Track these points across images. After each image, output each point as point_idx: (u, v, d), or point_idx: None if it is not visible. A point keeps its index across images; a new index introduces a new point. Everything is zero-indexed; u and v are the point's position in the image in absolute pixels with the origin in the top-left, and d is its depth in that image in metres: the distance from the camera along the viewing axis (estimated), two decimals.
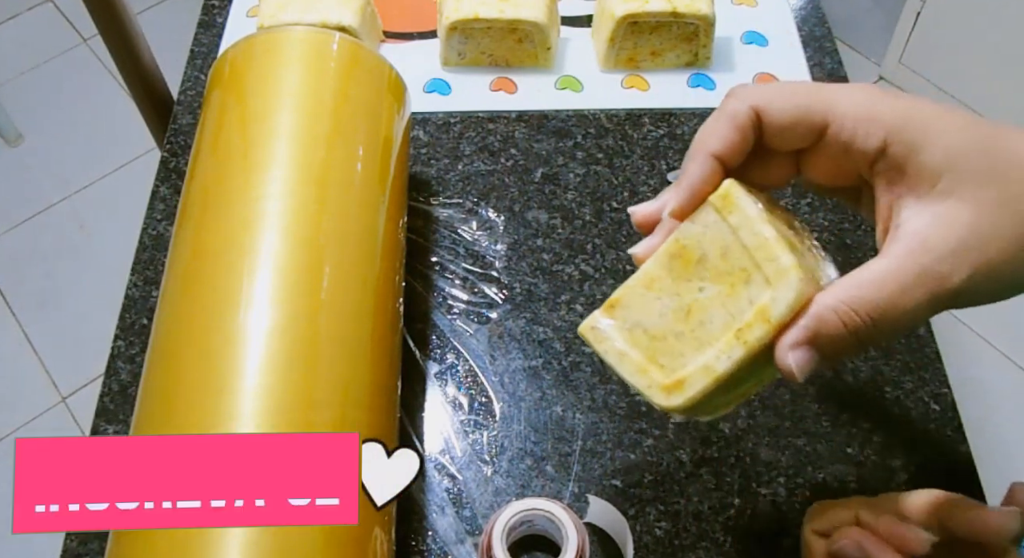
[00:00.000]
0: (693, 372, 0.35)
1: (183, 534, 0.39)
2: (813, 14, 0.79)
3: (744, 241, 0.35)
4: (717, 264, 0.35)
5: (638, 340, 0.37)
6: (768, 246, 0.34)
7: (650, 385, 0.36)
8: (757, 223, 0.34)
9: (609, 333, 0.38)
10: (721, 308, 0.35)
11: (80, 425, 1.38)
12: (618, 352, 0.37)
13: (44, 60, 1.85)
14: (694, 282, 0.36)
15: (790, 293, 0.33)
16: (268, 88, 0.53)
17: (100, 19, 0.72)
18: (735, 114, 0.36)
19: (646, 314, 0.37)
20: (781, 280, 0.33)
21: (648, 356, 0.37)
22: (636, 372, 0.37)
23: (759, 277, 0.34)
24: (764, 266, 0.34)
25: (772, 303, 0.33)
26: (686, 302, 0.36)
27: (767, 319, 0.33)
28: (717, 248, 0.36)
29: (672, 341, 0.36)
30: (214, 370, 0.43)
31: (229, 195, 0.49)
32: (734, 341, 0.34)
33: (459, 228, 0.65)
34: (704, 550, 0.52)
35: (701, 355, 0.35)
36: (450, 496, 0.54)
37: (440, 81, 0.74)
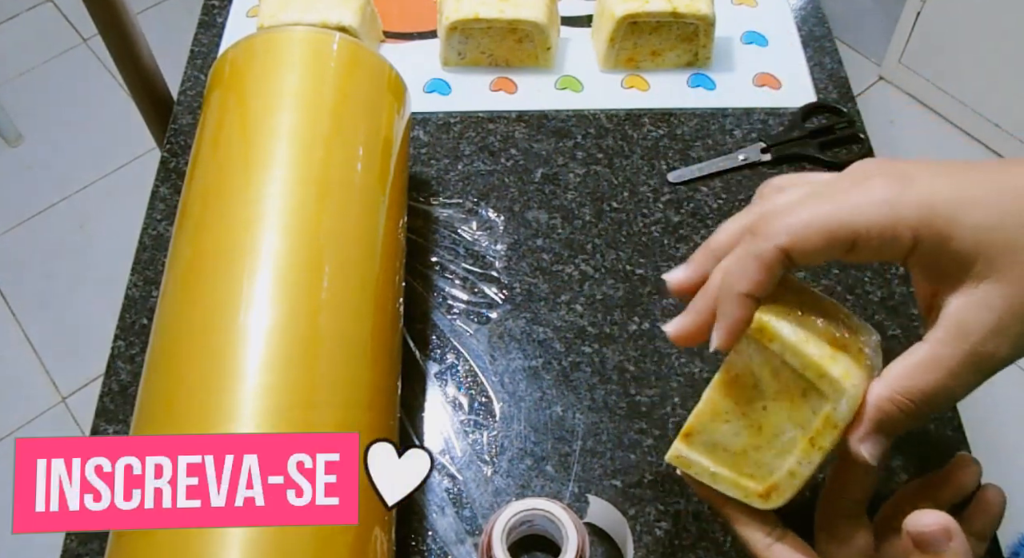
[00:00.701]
0: (781, 479, 0.39)
1: (183, 534, 0.39)
2: (813, 14, 0.79)
3: (791, 363, 0.37)
4: (772, 384, 0.38)
5: (722, 458, 0.40)
6: (814, 364, 0.36)
7: (747, 495, 0.40)
8: (798, 346, 0.37)
9: (695, 458, 0.41)
10: (788, 421, 0.38)
11: (80, 425, 1.38)
12: (710, 473, 0.41)
13: (44, 60, 1.85)
14: (756, 403, 0.39)
15: (848, 400, 0.36)
16: (268, 88, 0.53)
17: (100, 19, 0.72)
18: (762, 256, 0.36)
19: (721, 436, 0.40)
20: (837, 391, 0.36)
21: (736, 470, 0.40)
22: (731, 487, 0.40)
23: (815, 392, 0.37)
24: (817, 383, 0.36)
25: (834, 411, 0.36)
26: (755, 420, 0.39)
27: (834, 425, 0.37)
28: (768, 371, 0.38)
29: (753, 454, 0.40)
30: (214, 370, 0.43)
31: (229, 195, 0.49)
32: (810, 448, 0.38)
33: (459, 228, 0.65)
34: (704, 550, 0.52)
35: (784, 462, 0.39)
36: (450, 496, 0.54)
37: (440, 81, 0.74)
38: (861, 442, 0.36)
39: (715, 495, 0.42)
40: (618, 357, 0.59)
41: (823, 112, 0.72)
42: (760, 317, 0.37)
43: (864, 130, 0.70)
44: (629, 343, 0.60)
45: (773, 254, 0.36)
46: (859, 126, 0.71)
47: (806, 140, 0.69)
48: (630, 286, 0.62)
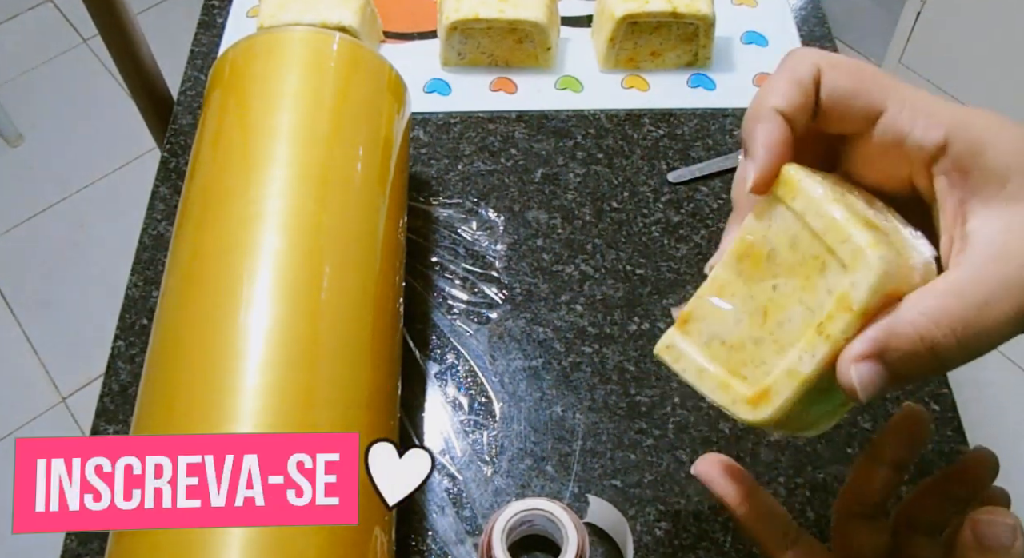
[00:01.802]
0: (777, 379, 0.31)
1: (183, 534, 0.39)
2: (813, 14, 0.79)
3: (813, 226, 0.31)
4: (787, 257, 0.32)
5: (716, 353, 0.34)
6: (838, 227, 0.30)
7: (734, 400, 0.33)
8: (824, 204, 0.31)
9: (686, 350, 0.34)
10: (799, 304, 0.31)
11: (80, 425, 1.38)
12: (697, 369, 0.34)
13: (44, 60, 1.84)
14: (767, 281, 0.32)
15: (870, 275, 0.29)
16: (268, 88, 0.53)
17: (100, 19, 0.72)
18: (796, 68, 0.32)
19: (721, 324, 0.33)
20: (858, 261, 0.29)
21: (730, 369, 0.33)
22: (717, 388, 0.33)
23: (835, 263, 0.30)
24: (838, 250, 0.30)
25: (852, 288, 0.29)
26: (761, 303, 0.32)
27: (848, 307, 0.29)
28: (785, 239, 0.32)
29: (752, 348, 0.32)
30: (214, 370, 0.43)
31: (229, 195, 0.49)
32: (816, 337, 0.30)
33: (459, 228, 0.65)
34: (704, 550, 0.52)
35: (783, 359, 0.31)
36: (450, 496, 0.54)
37: (440, 81, 0.74)
38: (854, 362, 0.29)
39: (731, 494, 0.38)
40: (618, 357, 0.59)
41: None
42: (787, 169, 0.32)
43: None
44: (629, 343, 0.60)
45: (807, 69, 0.32)
46: None
47: None
48: (630, 286, 0.62)
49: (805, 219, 0.31)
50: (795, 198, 0.31)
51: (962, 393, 0.59)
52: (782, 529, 0.38)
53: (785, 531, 0.38)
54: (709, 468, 0.40)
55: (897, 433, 0.37)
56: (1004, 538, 0.31)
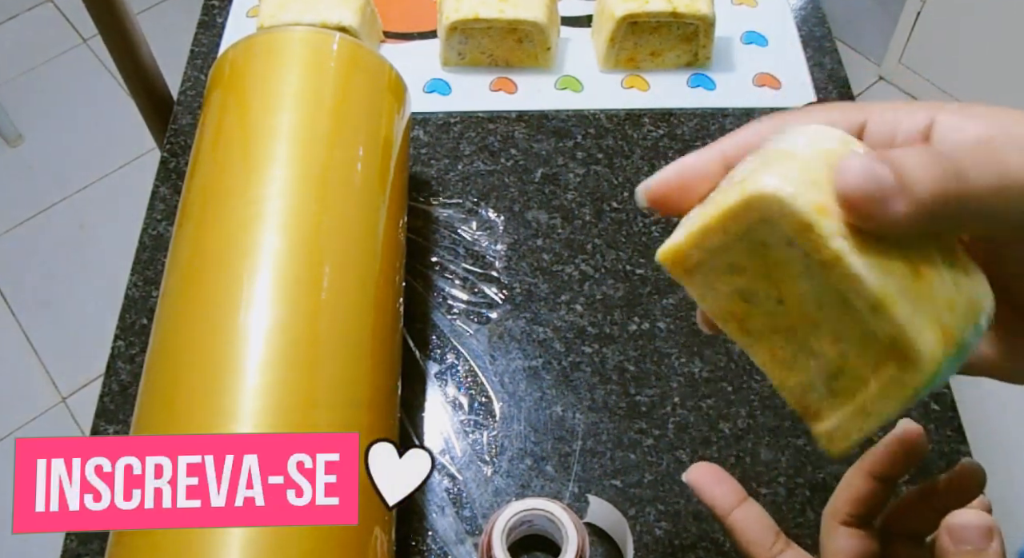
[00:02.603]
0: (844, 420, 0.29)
1: (183, 534, 0.39)
2: (813, 14, 0.79)
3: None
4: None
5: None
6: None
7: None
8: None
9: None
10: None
11: (80, 425, 1.38)
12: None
13: (44, 60, 1.84)
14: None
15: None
16: (268, 88, 0.53)
17: (100, 19, 0.72)
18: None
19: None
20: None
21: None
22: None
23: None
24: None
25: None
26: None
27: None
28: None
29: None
30: (214, 370, 0.43)
31: (229, 195, 0.49)
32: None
33: (459, 228, 0.65)
34: (704, 550, 0.52)
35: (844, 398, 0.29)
36: (450, 496, 0.54)
37: (440, 81, 0.74)
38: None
39: (720, 503, 0.38)
40: (618, 357, 0.59)
41: None
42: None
43: None
44: (629, 343, 0.60)
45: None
46: None
47: None
48: (630, 286, 0.62)
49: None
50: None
51: (962, 393, 0.59)
52: (771, 539, 0.39)
53: (773, 541, 0.39)
54: (700, 476, 0.40)
55: (891, 450, 0.37)
56: (979, 540, 0.32)
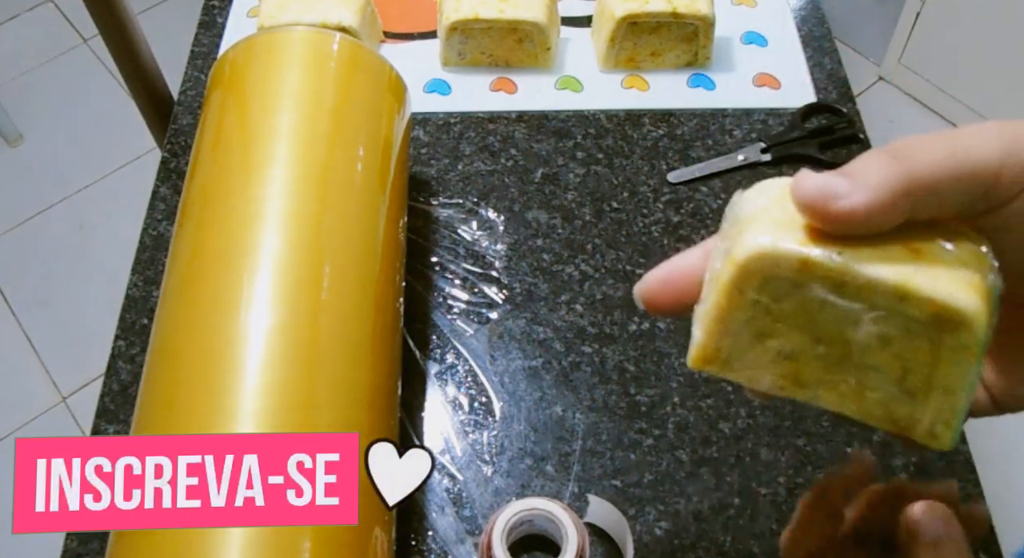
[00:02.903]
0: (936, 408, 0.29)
1: (183, 534, 0.39)
2: (813, 14, 0.79)
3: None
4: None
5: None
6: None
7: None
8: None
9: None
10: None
11: (80, 425, 1.38)
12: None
13: (44, 60, 1.84)
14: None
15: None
16: (268, 88, 0.53)
17: (100, 19, 0.72)
18: None
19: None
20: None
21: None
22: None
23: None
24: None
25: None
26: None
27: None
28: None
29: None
30: (214, 370, 0.43)
31: (229, 195, 0.49)
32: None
33: (459, 228, 0.65)
34: (704, 550, 0.52)
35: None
36: (450, 496, 0.54)
37: (440, 81, 0.74)
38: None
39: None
40: (618, 357, 0.59)
41: (823, 112, 0.72)
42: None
43: (864, 130, 0.71)
44: (629, 343, 0.60)
45: None
46: (859, 126, 0.71)
47: (806, 140, 0.69)
48: (630, 286, 0.62)
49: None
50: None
51: None
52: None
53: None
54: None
55: (842, 481, 0.36)
56: (936, 531, 0.32)
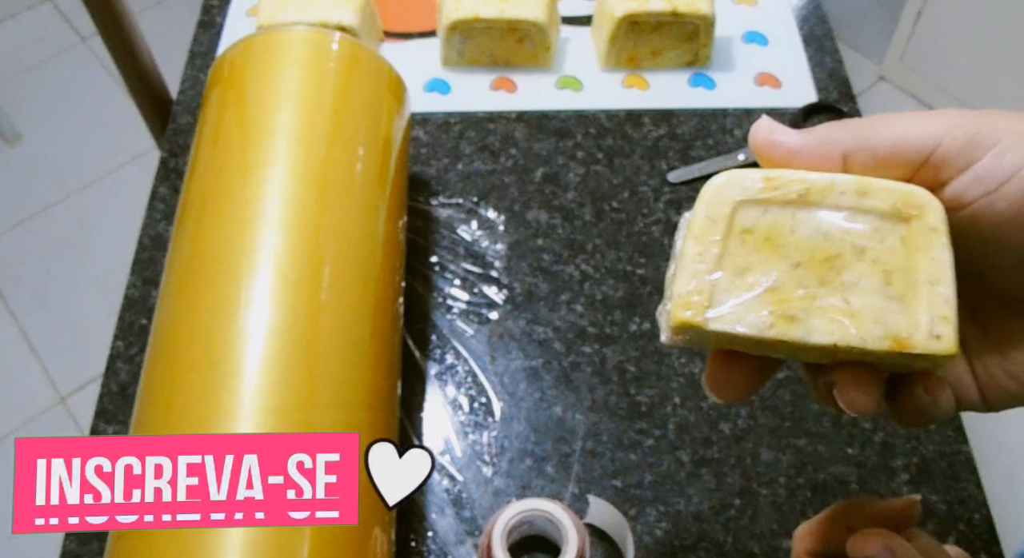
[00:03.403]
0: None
1: (183, 534, 0.39)
2: (813, 14, 0.79)
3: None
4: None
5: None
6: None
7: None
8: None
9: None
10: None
11: (80, 425, 1.38)
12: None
13: (44, 60, 1.84)
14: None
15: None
16: (268, 88, 0.53)
17: (100, 19, 0.72)
18: None
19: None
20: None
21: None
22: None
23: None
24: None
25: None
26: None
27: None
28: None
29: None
30: (214, 370, 0.43)
31: (229, 195, 0.49)
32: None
33: (459, 228, 0.65)
34: (704, 550, 0.52)
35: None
36: (450, 497, 0.54)
37: (440, 81, 0.74)
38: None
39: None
40: (618, 357, 0.59)
41: (824, 112, 0.72)
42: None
43: None
44: (629, 343, 0.60)
45: None
46: None
47: None
48: (630, 286, 0.62)
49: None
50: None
51: None
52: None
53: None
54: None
55: (884, 519, 0.35)
56: (879, 556, 0.32)
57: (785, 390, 0.58)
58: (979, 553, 0.52)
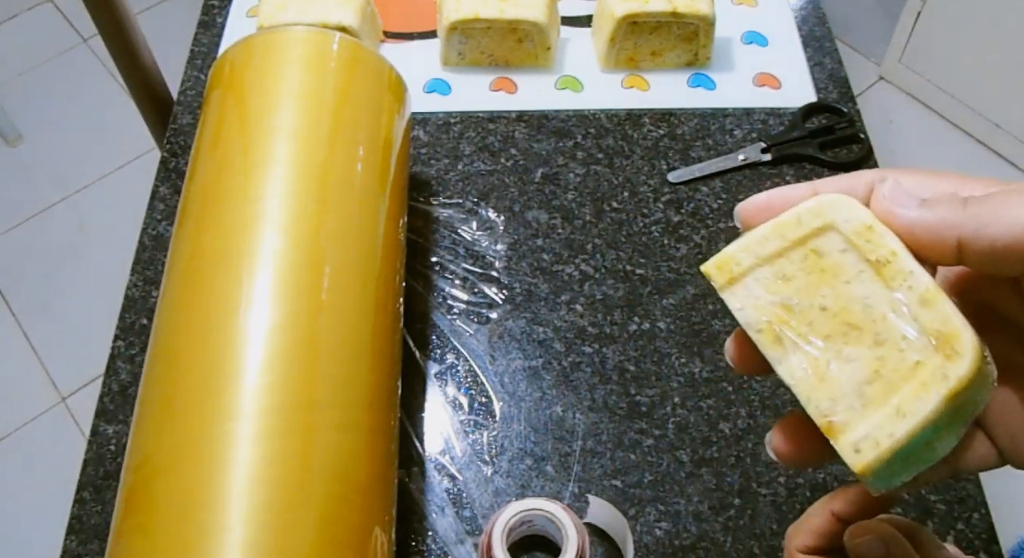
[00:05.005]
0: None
1: (183, 534, 0.39)
2: (813, 14, 0.79)
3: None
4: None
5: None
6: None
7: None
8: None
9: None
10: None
11: (80, 425, 1.38)
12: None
13: (44, 60, 1.84)
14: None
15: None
16: (268, 88, 0.53)
17: (100, 19, 0.72)
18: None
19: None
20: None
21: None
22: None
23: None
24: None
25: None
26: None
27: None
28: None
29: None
30: (214, 370, 0.43)
31: (229, 195, 0.49)
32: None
33: (459, 228, 0.65)
34: (704, 550, 0.52)
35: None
36: (450, 496, 0.54)
37: (440, 81, 0.74)
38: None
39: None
40: (618, 357, 0.59)
41: (823, 112, 0.72)
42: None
43: (864, 130, 0.70)
44: (629, 343, 0.60)
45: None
46: (859, 126, 0.71)
47: (806, 140, 0.69)
48: (630, 286, 0.62)
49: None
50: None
51: None
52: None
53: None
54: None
55: (860, 492, 0.35)
56: (875, 551, 0.33)
57: (785, 390, 0.58)
58: (978, 553, 0.52)
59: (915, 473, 0.30)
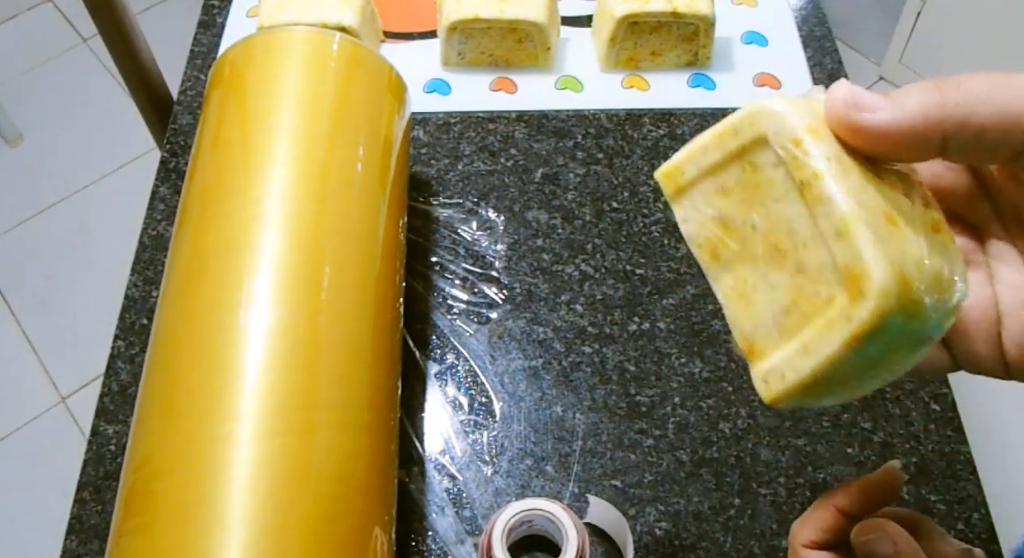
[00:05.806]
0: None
1: (183, 534, 0.39)
2: (813, 14, 0.79)
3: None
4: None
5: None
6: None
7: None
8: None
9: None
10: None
11: (80, 425, 1.38)
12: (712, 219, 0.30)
13: (44, 60, 1.84)
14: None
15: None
16: (268, 88, 0.53)
17: (100, 19, 0.72)
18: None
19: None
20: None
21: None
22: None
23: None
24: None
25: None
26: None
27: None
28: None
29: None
30: (214, 370, 0.43)
31: (229, 195, 0.49)
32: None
33: (459, 228, 0.65)
34: (704, 550, 0.52)
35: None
36: (450, 496, 0.54)
37: (440, 81, 0.74)
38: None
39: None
40: (618, 357, 0.59)
41: None
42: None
43: None
44: (629, 343, 0.60)
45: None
46: None
47: None
48: (630, 286, 0.62)
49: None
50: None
51: (962, 393, 0.59)
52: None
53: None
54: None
55: (863, 488, 0.35)
56: (884, 549, 0.33)
57: None
58: None
59: (852, 395, 0.29)
